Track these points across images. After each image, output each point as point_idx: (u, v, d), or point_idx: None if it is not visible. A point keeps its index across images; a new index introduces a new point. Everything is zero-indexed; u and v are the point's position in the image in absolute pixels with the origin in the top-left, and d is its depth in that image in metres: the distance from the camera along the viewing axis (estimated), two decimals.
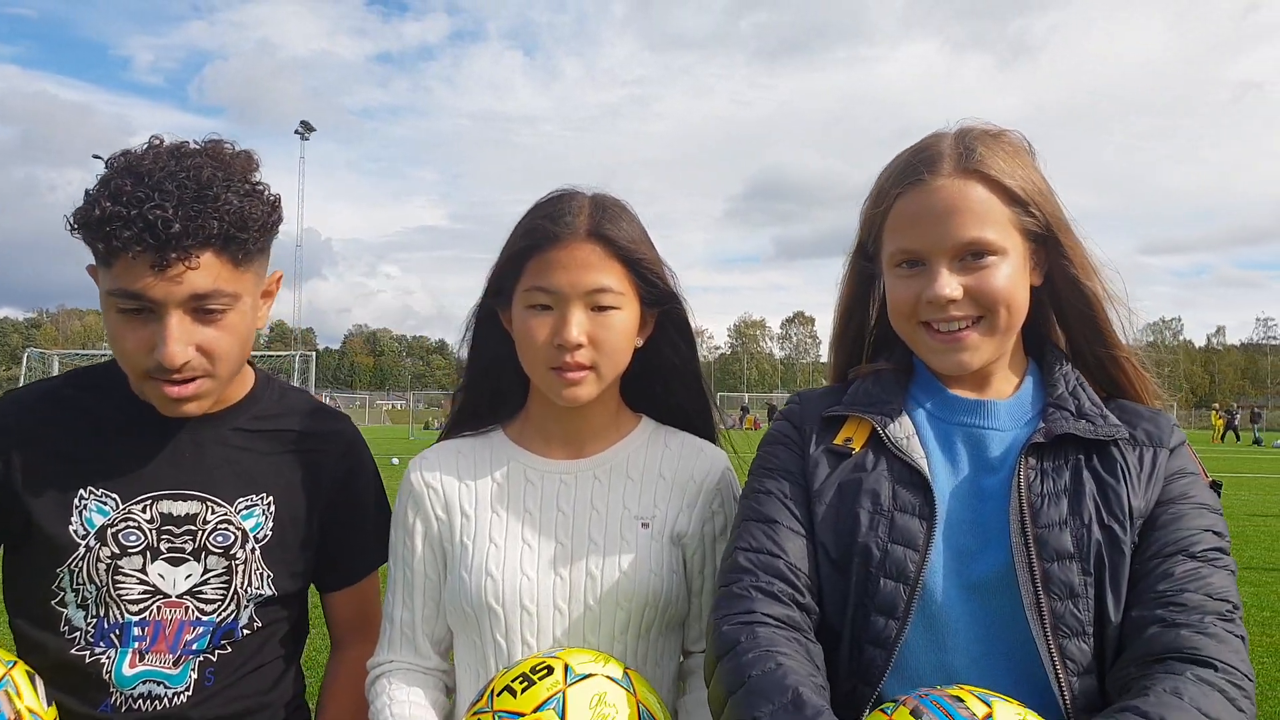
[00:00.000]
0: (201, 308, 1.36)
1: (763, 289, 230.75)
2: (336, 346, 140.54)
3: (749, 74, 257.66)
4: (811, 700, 1.07)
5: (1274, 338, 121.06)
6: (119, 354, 1.41)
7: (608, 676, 1.24)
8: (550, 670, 1.24)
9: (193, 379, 1.41)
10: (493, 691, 1.24)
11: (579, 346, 1.38)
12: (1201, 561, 1.17)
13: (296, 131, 69.35)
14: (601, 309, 1.40)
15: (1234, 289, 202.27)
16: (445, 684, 1.52)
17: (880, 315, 1.42)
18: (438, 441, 1.58)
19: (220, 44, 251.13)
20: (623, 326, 1.42)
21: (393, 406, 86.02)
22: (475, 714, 1.24)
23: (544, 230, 1.40)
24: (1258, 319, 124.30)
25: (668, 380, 1.56)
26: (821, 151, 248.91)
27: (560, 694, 1.21)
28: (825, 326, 1.51)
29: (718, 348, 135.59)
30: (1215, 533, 1.20)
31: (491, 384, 1.55)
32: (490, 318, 1.53)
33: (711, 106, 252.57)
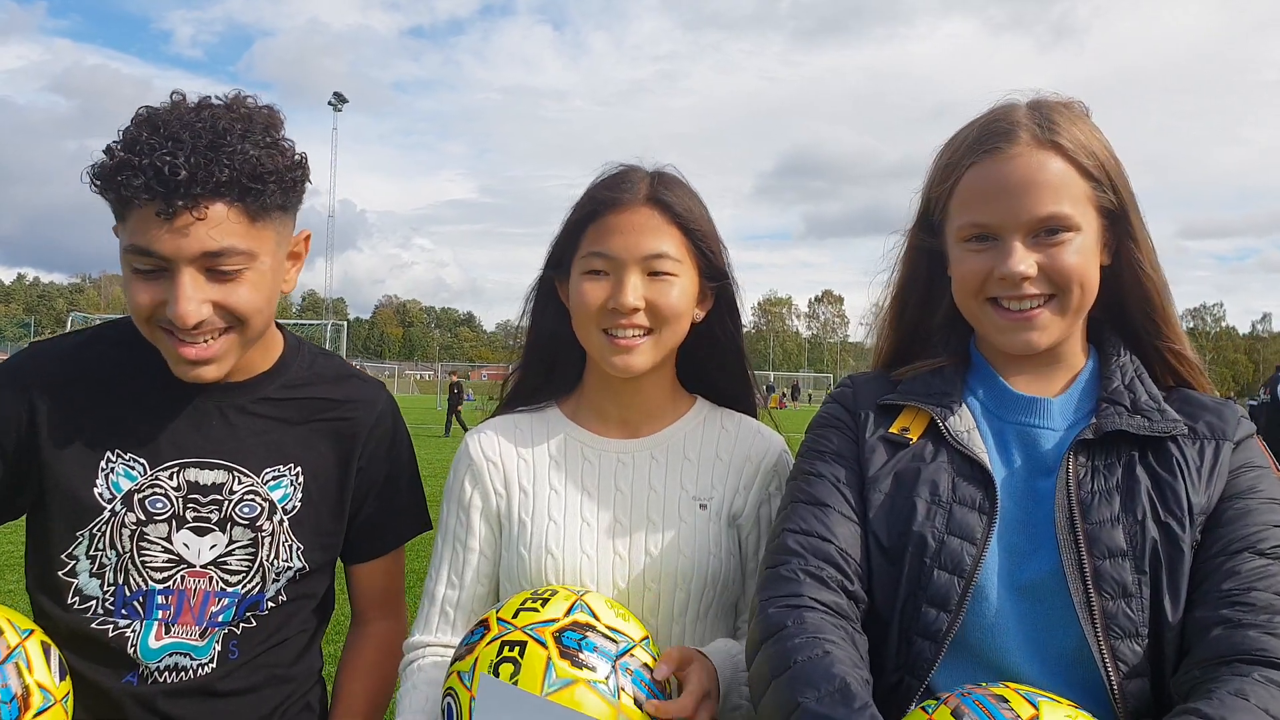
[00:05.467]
0: (215, 267, 1.30)
1: (791, 267, 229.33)
2: (367, 317, 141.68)
3: (781, 51, 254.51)
4: (859, 692, 1.04)
5: None
6: (130, 308, 1.35)
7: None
8: (555, 591, 1.27)
9: (213, 336, 1.34)
10: (500, 619, 1.22)
11: (634, 311, 1.37)
12: (1271, 559, 1.11)
13: (330, 103, 69.64)
14: (658, 274, 1.39)
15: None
16: None
17: (938, 305, 1.38)
18: (493, 416, 1.57)
19: (256, 18, 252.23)
20: (680, 293, 1.40)
21: (421, 377, 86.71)
22: (492, 641, 1.19)
23: (603, 198, 1.41)
24: None
25: (716, 359, 1.54)
26: (855, 129, 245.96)
27: (579, 599, 1.24)
28: (854, 306, 1.53)
29: (743, 325, 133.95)
30: None
31: (548, 358, 1.54)
32: (549, 292, 1.52)
33: (742, 82, 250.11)
